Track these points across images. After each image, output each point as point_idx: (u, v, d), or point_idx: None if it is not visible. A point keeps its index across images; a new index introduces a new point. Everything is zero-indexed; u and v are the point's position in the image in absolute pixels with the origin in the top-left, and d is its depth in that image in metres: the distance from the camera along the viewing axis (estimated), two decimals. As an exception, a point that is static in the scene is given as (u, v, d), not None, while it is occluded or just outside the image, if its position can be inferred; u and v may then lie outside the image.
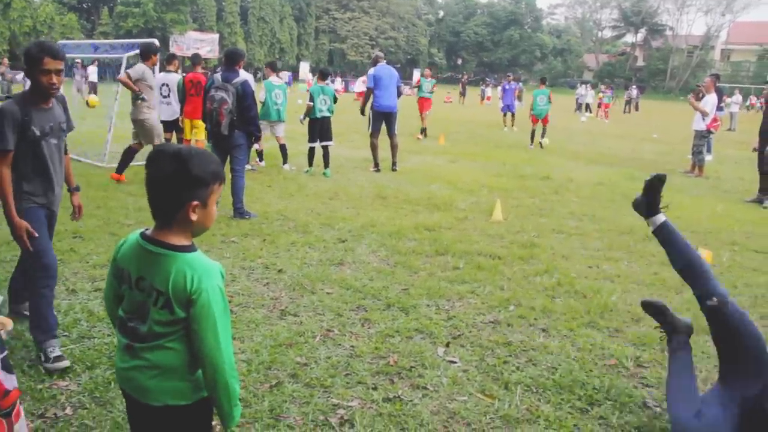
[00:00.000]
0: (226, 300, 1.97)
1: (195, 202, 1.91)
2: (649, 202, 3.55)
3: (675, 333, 3.62)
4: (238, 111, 7.30)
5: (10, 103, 3.55)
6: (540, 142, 17.39)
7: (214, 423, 2.98)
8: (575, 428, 3.30)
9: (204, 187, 1.92)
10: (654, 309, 3.73)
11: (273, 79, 11.26)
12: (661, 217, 3.52)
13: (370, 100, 11.37)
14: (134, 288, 1.97)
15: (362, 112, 12.09)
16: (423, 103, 18.67)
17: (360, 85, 35.95)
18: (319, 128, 10.64)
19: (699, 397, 3.30)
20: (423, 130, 18.29)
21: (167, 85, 10.30)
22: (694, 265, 3.38)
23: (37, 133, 3.60)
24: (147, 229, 2.01)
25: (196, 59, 10.83)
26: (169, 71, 10.58)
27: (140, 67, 9.05)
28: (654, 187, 3.53)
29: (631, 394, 3.68)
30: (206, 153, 1.99)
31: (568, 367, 3.97)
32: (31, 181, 3.68)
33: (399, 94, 11.47)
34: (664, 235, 3.51)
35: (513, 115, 22.56)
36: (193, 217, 1.92)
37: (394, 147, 11.47)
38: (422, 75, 19.58)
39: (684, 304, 4.95)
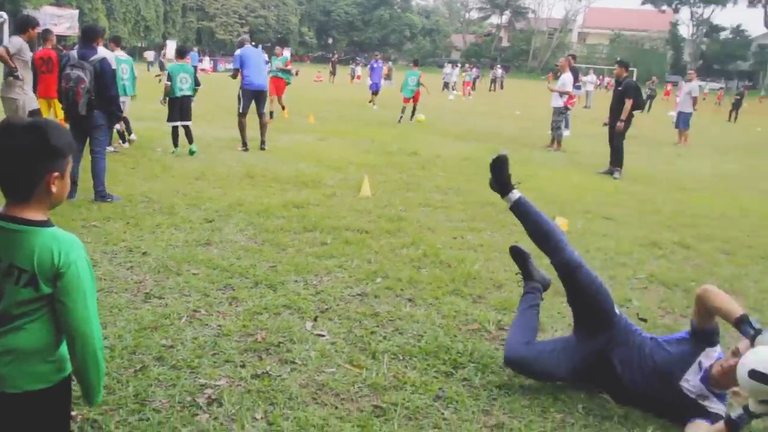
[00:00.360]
0: (93, 271, 1.95)
1: (56, 173, 1.87)
2: (499, 181, 3.71)
3: (529, 280, 3.95)
4: (96, 90, 6.95)
5: None
6: (415, 118, 17.89)
7: (74, 413, 2.90)
8: (440, 391, 3.42)
9: (62, 158, 1.89)
10: (518, 255, 3.99)
11: (119, 53, 10.85)
12: (515, 194, 3.68)
13: (239, 80, 11.20)
14: None
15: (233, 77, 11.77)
16: (275, 83, 16.01)
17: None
18: (179, 107, 10.37)
19: (534, 332, 3.67)
20: (270, 113, 15.13)
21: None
22: (549, 237, 3.59)
23: None
24: None
25: (46, 35, 10.20)
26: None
27: (18, 41, 8.41)
28: (498, 167, 3.70)
29: (493, 355, 3.85)
30: (59, 124, 1.98)
31: (434, 334, 4.10)
32: None
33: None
34: (520, 210, 3.68)
35: (377, 92, 22.81)
36: (54, 188, 1.88)
37: (263, 126, 11.33)
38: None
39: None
